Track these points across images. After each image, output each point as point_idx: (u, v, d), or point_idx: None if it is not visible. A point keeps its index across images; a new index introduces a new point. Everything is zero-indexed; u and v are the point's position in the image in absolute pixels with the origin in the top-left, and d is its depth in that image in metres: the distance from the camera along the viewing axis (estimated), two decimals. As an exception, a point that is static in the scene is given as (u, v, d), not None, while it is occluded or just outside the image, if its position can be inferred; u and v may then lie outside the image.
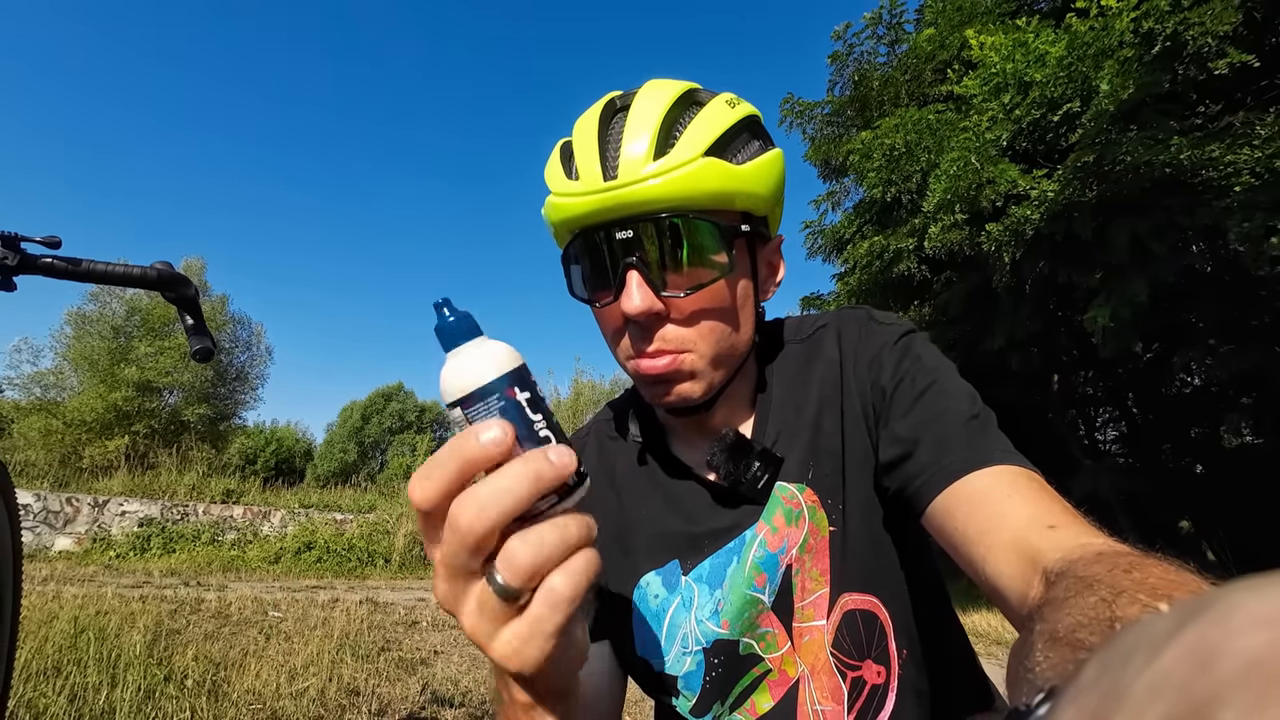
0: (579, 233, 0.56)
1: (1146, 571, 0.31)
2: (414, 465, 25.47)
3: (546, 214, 0.58)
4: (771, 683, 0.61)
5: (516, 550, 0.32)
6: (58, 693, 2.21)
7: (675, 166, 0.51)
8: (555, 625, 0.33)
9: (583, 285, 0.59)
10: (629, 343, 0.57)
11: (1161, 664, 0.12)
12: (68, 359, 13.19)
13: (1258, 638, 0.11)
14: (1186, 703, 0.11)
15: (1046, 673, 0.28)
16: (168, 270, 1.07)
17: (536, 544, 0.32)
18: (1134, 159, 5.51)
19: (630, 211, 0.52)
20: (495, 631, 0.33)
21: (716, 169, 0.53)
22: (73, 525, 7.51)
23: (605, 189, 0.52)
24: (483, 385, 0.35)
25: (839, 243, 9.81)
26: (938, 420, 0.54)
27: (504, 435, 0.33)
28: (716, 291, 0.56)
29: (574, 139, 0.57)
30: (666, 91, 0.56)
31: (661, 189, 0.51)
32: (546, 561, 0.32)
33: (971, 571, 0.46)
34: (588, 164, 0.53)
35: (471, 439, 0.33)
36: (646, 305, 0.53)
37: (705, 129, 0.54)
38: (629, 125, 0.53)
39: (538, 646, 0.33)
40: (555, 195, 0.56)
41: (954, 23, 8.39)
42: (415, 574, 8.10)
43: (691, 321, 0.56)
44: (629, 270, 0.53)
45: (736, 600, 0.61)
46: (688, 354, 0.56)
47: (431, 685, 3.10)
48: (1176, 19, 5.47)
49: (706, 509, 0.64)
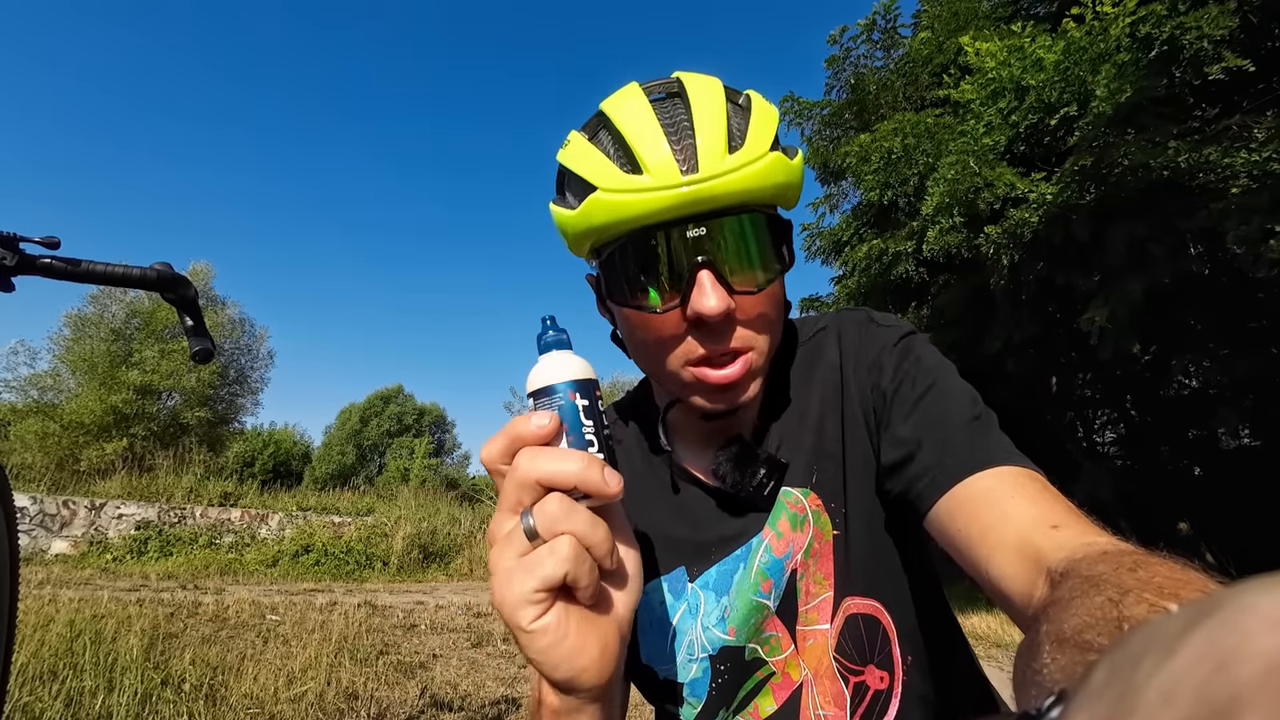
0: (632, 233, 0.52)
1: (1152, 570, 0.31)
2: (412, 468, 25.46)
3: (588, 215, 0.52)
4: (775, 686, 0.61)
5: (553, 503, 0.39)
6: (54, 697, 2.20)
7: (753, 159, 0.50)
8: (545, 574, 0.38)
9: (633, 290, 0.54)
10: (691, 348, 0.53)
11: (1174, 666, 0.11)
12: (65, 361, 13.16)
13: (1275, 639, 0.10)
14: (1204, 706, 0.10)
15: (1054, 675, 0.27)
16: (167, 271, 1.06)
17: (569, 508, 0.39)
18: (1131, 162, 5.53)
19: (710, 206, 0.50)
20: (505, 561, 0.40)
21: (782, 163, 0.52)
22: (69, 528, 7.48)
23: (685, 183, 0.49)
24: (551, 385, 0.44)
25: (837, 245, 9.83)
26: (939, 422, 0.54)
27: (550, 425, 0.41)
28: (775, 290, 0.55)
29: (623, 127, 0.52)
30: (713, 85, 0.55)
31: (742, 181, 0.50)
32: (570, 524, 0.39)
33: (975, 573, 0.46)
34: (657, 155, 0.50)
35: (525, 421, 0.41)
36: (725, 305, 0.50)
37: (767, 124, 0.53)
38: (698, 114, 0.51)
39: (521, 583, 0.39)
40: (611, 192, 0.51)
41: (950, 28, 8.42)
42: (413, 577, 8.07)
43: (757, 321, 0.54)
44: (700, 269, 0.50)
45: (743, 607, 0.60)
46: (752, 353, 0.54)
47: (430, 689, 3.09)
48: (1173, 23, 5.49)
49: (713, 516, 0.64)
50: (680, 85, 0.55)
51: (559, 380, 0.43)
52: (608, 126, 0.55)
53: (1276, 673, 0.10)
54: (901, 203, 8.00)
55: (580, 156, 0.54)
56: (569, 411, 0.43)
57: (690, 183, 0.49)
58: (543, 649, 0.39)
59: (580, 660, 0.40)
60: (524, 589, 0.38)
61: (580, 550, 0.39)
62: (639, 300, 0.54)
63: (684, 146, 0.50)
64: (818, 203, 10.73)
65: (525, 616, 0.39)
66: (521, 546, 0.39)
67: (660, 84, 0.56)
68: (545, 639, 0.39)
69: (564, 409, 0.43)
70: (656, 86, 0.56)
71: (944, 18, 8.57)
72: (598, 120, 0.56)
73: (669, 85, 0.56)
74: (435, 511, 10.12)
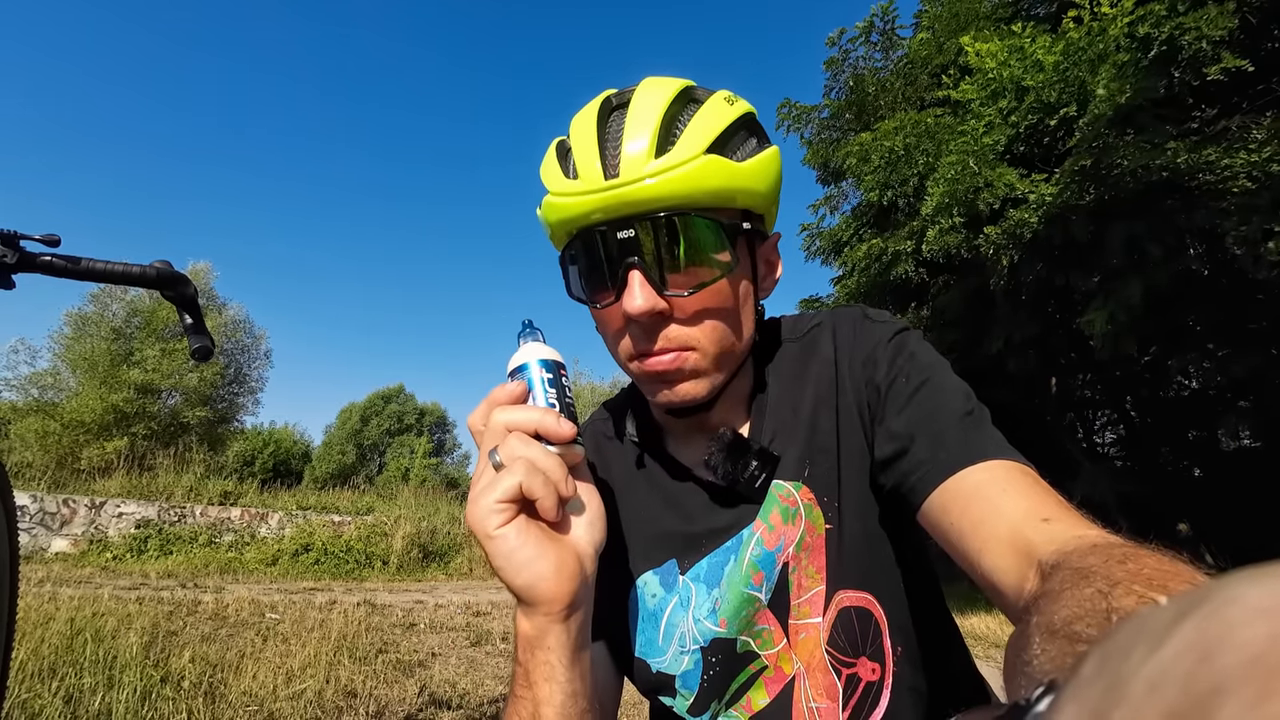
0: (578, 233, 0.55)
1: (1141, 562, 0.32)
2: (412, 467, 25.49)
3: (543, 214, 0.57)
4: (767, 679, 0.61)
5: (515, 441, 0.49)
6: (54, 694, 2.21)
7: (677, 164, 0.51)
8: (504, 488, 0.47)
9: (582, 286, 0.58)
10: (630, 343, 0.56)
11: (1162, 657, 0.11)
12: (65, 360, 13.16)
13: (1259, 629, 0.10)
14: (1188, 695, 0.10)
15: (1044, 666, 0.28)
16: (167, 269, 1.07)
17: (525, 441, 0.49)
18: (1131, 163, 5.53)
19: (632, 210, 0.52)
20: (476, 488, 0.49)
21: (718, 166, 0.52)
22: (69, 527, 7.49)
23: (606, 188, 0.51)
24: (521, 363, 0.55)
25: (837, 245, 9.82)
26: (932, 417, 0.54)
27: (518, 389, 0.53)
28: (719, 290, 0.55)
29: (571, 137, 0.56)
30: (665, 89, 0.55)
31: (663, 187, 0.51)
32: (524, 452, 0.48)
33: (967, 566, 0.47)
34: (587, 162, 0.53)
35: (500, 388, 0.53)
36: (649, 305, 0.52)
37: (706, 126, 0.53)
38: (629, 123, 0.53)
39: (486, 498, 0.47)
40: (553, 195, 0.55)
41: (950, 29, 8.42)
42: (413, 576, 8.08)
43: (695, 320, 0.55)
44: (630, 270, 0.53)
45: (734, 599, 0.61)
46: (691, 352, 0.55)
47: (429, 687, 3.09)
48: (1172, 24, 5.49)
49: (704, 508, 0.64)
50: (632, 95, 0.56)
51: (528, 359, 0.55)
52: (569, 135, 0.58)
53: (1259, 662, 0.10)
54: (901, 203, 8.00)
55: (546, 162, 0.58)
56: (534, 382, 0.54)
57: (609, 187, 0.52)
58: (505, 554, 0.47)
59: (537, 567, 0.47)
60: (488, 500, 0.47)
61: (534, 469, 0.47)
62: (587, 295, 0.59)
63: (611, 152, 0.53)
64: (818, 204, 10.74)
65: (491, 524, 0.47)
66: (488, 476, 0.48)
67: (620, 94, 0.58)
68: (506, 544, 0.47)
69: (530, 380, 0.54)
70: (616, 96, 0.58)
71: (944, 19, 8.56)
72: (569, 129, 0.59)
73: (625, 95, 0.57)
74: (435, 511, 10.13)
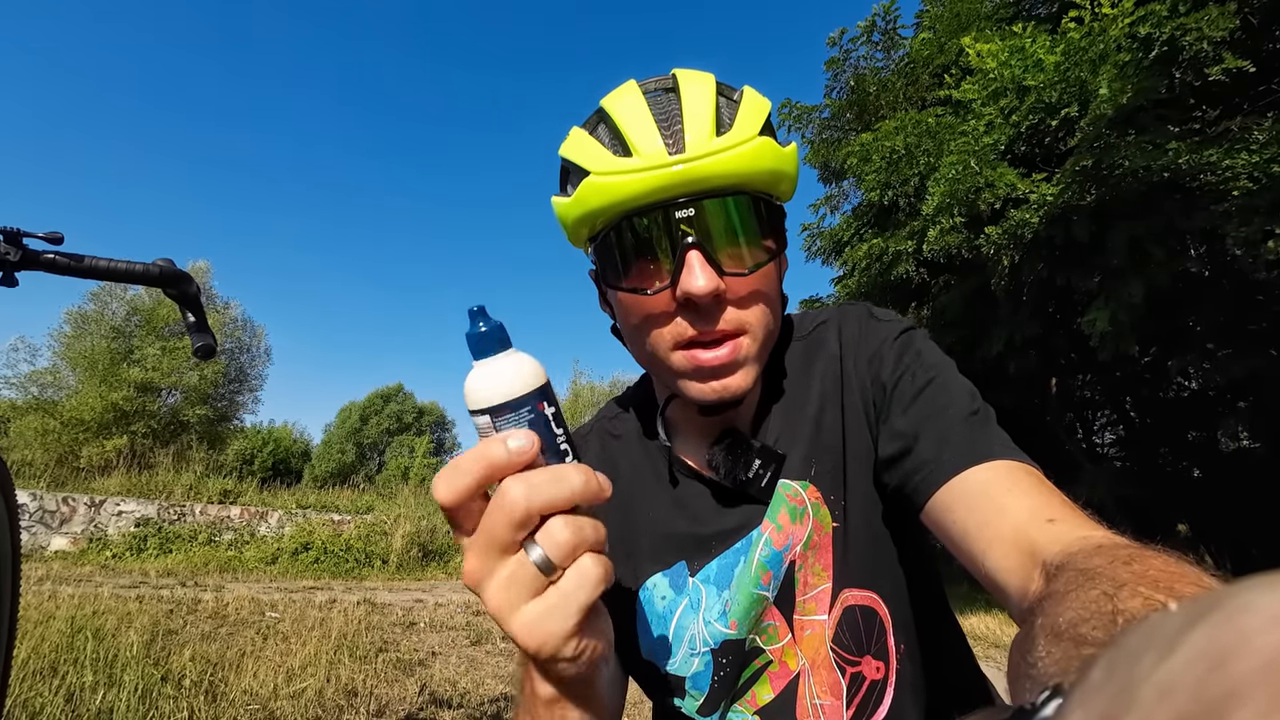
0: (624, 215, 0.53)
1: (1146, 563, 0.32)
2: (412, 466, 25.43)
3: (582, 199, 0.53)
4: (772, 675, 0.61)
5: (560, 528, 0.35)
6: (55, 692, 2.21)
7: (741, 142, 0.51)
8: (582, 602, 0.35)
9: (624, 271, 0.54)
10: (681, 329, 0.53)
11: (1173, 664, 0.11)
12: (65, 358, 13.16)
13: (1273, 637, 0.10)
14: (1200, 702, 0.10)
15: (1050, 668, 0.28)
16: (169, 267, 1.07)
17: (577, 527, 0.36)
18: (1132, 163, 5.52)
19: (698, 187, 0.51)
20: (521, 604, 0.36)
21: (770, 149, 0.53)
22: (69, 525, 7.48)
23: (671, 163, 0.50)
24: (516, 398, 0.38)
25: (838, 245, 9.82)
26: (937, 416, 0.54)
27: (530, 445, 0.36)
28: (769, 273, 0.55)
29: (617, 117, 0.54)
30: (706, 78, 0.56)
31: (729, 163, 0.51)
32: (583, 543, 0.36)
33: (971, 566, 0.46)
34: (647, 139, 0.51)
35: (499, 446, 0.36)
36: (713, 285, 0.50)
37: (755, 110, 0.54)
38: (686, 102, 0.53)
39: (561, 620, 0.35)
40: (603, 174, 0.52)
41: (951, 29, 8.41)
42: (413, 575, 8.08)
43: (748, 303, 0.54)
44: (690, 250, 0.51)
45: (744, 600, 0.60)
46: (744, 337, 0.54)
47: (429, 686, 3.10)
48: (1173, 24, 5.49)
49: (713, 510, 0.64)
50: (674, 80, 0.56)
51: (526, 391, 0.38)
52: (605, 119, 0.56)
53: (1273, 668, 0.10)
54: (902, 203, 7.99)
55: (578, 146, 0.56)
56: (541, 424, 0.38)
57: (678, 162, 0.50)
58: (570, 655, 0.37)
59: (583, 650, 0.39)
60: (564, 627, 0.35)
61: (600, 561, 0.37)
62: (631, 282, 0.54)
63: (673, 131, 0.52)
64: (818, 203, 10.74)
65: (570, 648, 0.36)
66: (533, 585, 0.35)
67: (656, 80, 0.58)
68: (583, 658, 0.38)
69: (535, 422, 0.38)
70: (652, 83, 0.58)
71: (945, 19, 8.56)
72: (597, 115, 0.58)
73: (664, 81, 0.57)
74: (435, 510, 10.11)
